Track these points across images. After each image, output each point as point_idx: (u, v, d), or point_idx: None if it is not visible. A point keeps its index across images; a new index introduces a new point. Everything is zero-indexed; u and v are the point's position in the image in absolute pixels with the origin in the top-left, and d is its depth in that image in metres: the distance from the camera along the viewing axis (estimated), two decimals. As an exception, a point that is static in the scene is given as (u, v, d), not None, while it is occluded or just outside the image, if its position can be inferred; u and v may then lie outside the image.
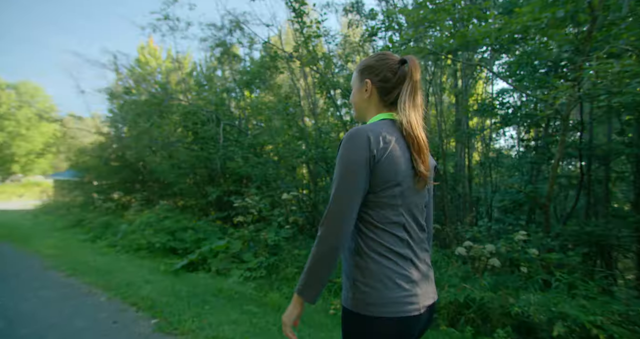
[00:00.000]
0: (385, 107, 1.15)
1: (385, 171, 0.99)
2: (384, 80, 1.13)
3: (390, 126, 1.07)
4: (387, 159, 0.99)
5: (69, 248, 7.00)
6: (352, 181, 0.98)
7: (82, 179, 14.99)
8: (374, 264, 0.99)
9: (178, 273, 4.97)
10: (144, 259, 6.09)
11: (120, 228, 8.54)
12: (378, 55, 1.17)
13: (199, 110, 7.62)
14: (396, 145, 1.02)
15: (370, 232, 1.02)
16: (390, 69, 1.13)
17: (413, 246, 1.05)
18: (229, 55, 9.80)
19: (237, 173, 7.93)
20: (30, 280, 4.54)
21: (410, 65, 1.09)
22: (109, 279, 4.52)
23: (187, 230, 6.62)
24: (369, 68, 1.16)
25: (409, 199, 1.04)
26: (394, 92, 1.13)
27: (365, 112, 1.19)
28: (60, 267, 5.23)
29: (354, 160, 0.98)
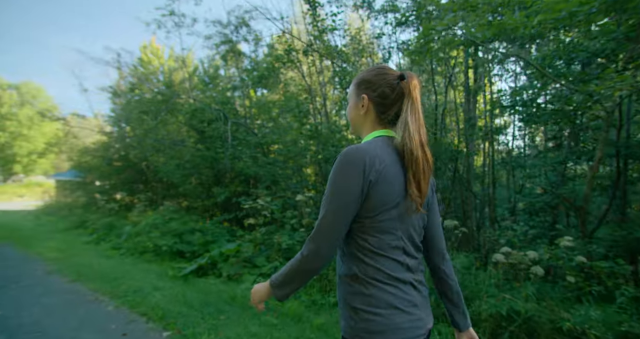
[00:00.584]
0: (382, 124, 1.10)
1: (382, 194, 0.95)
2: (381, 97, 1.08)
3: (386, 144, 1.02)
4: (383, 181, 0.95)
5: (72, 251, 6.78)
6: (343, 205, 0.94)
7: (84, 179, 14.81)
8: (376, 291, 0.96)
9: (187, 279, 4.74)
10: (150, 263, 5.86)
11: (124, 230, 8.33)
12: (376, 69, 1.12)
13: (207, 107, 7.38)
14: (392, 166, 0.98)
15: (370, 260, 0.97)
16: (389, 84, 1.07)
17: (412, 269, 1.02)
18: (234, 52, 9.58)
19: (245, 173, 7.70)
20: (32, 286, 4.32)
21: (410, 82, 1.04)
22: (115, 285, 4.29)
23: (194, 232, 6.39)
24: (366, 83, 1.11)
25: (407, 221, 1.01)
26: (392, 109, 1.08)
27: (360, 128, 1.15)
28: (64, 271, 5.01)
29: (347, 184, 0.94)
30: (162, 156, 11.07)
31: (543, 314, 2.37)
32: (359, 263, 0.98)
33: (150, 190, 12.18)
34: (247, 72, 9.45)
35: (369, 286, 0.96)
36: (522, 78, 6.57)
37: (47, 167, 39.55)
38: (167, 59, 22.50)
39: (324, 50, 4.01)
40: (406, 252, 1.01)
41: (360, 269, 0.97)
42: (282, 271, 1.03)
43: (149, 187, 12.78)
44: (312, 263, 0.97)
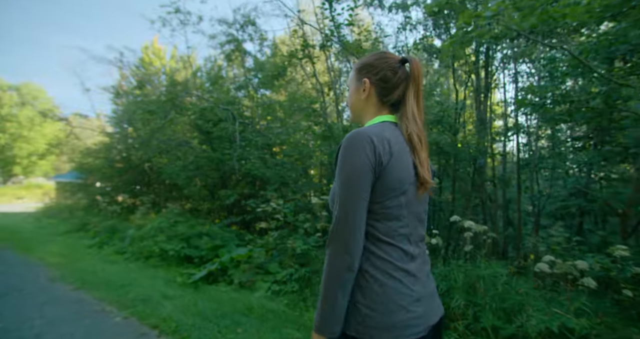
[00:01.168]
0: (385, 108, 1.07)
1: (392, 178, 0.92)
2: (383, 80, 1.05)
3: (393, 129, 1.00)
4: (393, 164, 0.92)
5: (75, 255, 6.54)
6: (358, 189, 0.89)
7: (85, 181, 14.57)
8: (376, 285, 0.92)
9: (197, 286, 4.50)
10: (156, 269, 5.62)
11: (127, 233, 8.08)
12: (378, 53, 1.09)
13: (216, 107, 7.15)
14: (401, 150, 0.95)
15: (375, 248, 0.93)
16: (391, 68, 1.04)
17: (417, 259, 0.99)
18: (240, 52, 9.38)
19: (252, 175, 7.48)
20: (34, 294, 4.08)
21: (413, 66, 1.02)
22: (122, 293, 4.05)
23: (201, 236, 6.15)
24: (367, 66, 1.08)
25: (414, 208, 0.98)
26: (394, 93, 1.05)
27: (362, 114, 1.11)
28: (67, 278, 4.77)
29: (358, 165, 0.89)
30: (166, 158, 10.86)
31: (604, 334, 2.14)
32: (364, 252, 0.93)
33: (152, 192, 11.95)
34: (254, 72, 9.25)
35: (370, 279, 0.91)
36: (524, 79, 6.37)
37: (47, 168, 39.32)
38: (168, 60, 22.37)
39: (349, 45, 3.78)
40: (411, 240, 0.97)
41: (365, 260, 0.92)
42: (318, 308, 0.93)
43: (151, 189, 12.55)
44: (344, 262, 0.88)
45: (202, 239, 6.01)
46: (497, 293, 2.57)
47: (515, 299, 2.62)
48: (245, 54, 9.59)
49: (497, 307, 2.55)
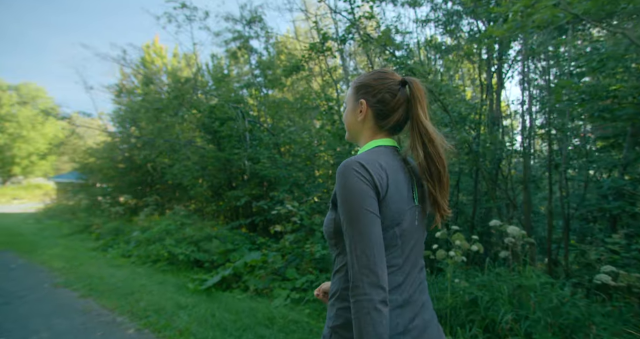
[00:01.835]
0: (381, 132, 1.01)
1: (389, 210, 0.86)
2: (381, 103, 0.99)
3: (389, 155, 0.94)
4: (389, 194, 0.86)
5: (79, 259, 6.30)
6: (367, 217, 0.81)
7: (87, 181, 14.34)
8: None
9: (210, 293, 4.26)
10: (165, 274, 5.39)
11: (132, 235, 7.86)
12: (377, 73, 1.03)
13: (226, 104, 6.91)
14: (397, 178, 0.89)
15: None
16: (390, 90, 0.99)
17: (408, 289, 0.91)
18: (247, 49, 9.14)
19: (262, 176, 7.24)
20: (39, 303, 3.84)
21: (415, 88, 0.97)
22: (132, 301, 3.81)
23: (211, 239, 5.91)
24: (365, 87, 1.02)
25: (410, 237, 0.92)
26: (392, 117, 0.99)
27: (358, 135, 1.06)
28: (73, 284, 4.53)
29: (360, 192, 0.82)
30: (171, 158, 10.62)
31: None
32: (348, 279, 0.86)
33: (154, 193, 11.70)
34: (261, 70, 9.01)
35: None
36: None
37: (46, 169, 39.09)
38: (170, 59, 22.15)
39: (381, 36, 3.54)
40: (404, 271, 0.91)
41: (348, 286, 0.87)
42: None
43: (153, 189, 12.31)
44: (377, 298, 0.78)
45: (212, 243, 5.77)
46: (550, 306, 2.33)
47: (574, 314, 2.38)
48: (251, 51, 9.36)
49: (552, 322, 2.32)
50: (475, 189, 5.19)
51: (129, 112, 12.04)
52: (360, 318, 0.78)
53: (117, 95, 19.67)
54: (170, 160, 10.80)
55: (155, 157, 10.67)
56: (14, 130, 36.08)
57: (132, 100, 11.22)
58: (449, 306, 2.72)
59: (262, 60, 9.25)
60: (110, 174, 12.36)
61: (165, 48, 21.50)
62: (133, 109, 10.45)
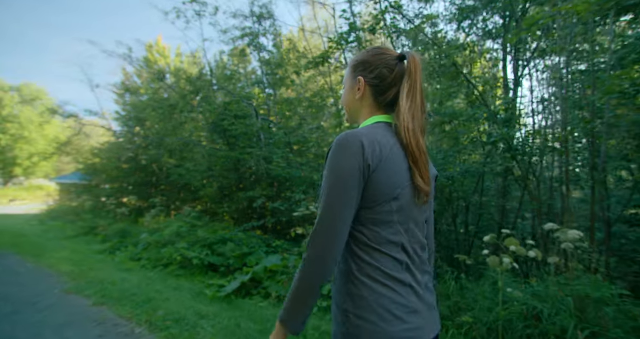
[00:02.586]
0: (380, 109, 1.01)
1: (382, 183, 0.87)
2: (379, 78, 0.98)
3: (387, 130, 0.94)
4: (383, 169, 0.87)
5: (87, 262, 6.07)
6: (344, 194, 0.85)
7: (90, 182, 14.12)
8: (368, 292, 0.86)
9: (231, 301, 4.03)
10: (178, 279, 5.16)
11: (140, 238, 7.64)
12: (374, 49, 1.02)
13: (241, 100, 6.68)
14: (393, 153, 0.90)
15: (365, 254, 0.88)
16: (387, 65, 0.98)
17: (413, 269, 0.92)
18: (256, 47, 8.92)
19: (276, 176, 7.02)
20: (51, 310, 3.61)
21: (411, 62, 0.95)
22: (149, 310, 3.58)
23: (226, 242, 5.68)
24: (362, 64, 1.01)
25: (408, 215, 0.92)
26: (391, 92, 0.98)
27: (357, 114, 1.05)
28: (84, 290, 4.30)
29: (346, 169, 0.85)
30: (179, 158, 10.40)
31: None
32: (352, 257, 0.89)
33: (159, 194, 11.47)
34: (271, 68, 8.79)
35: (360, 286, 0.87)
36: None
37: (48, 170, 38.93)
38: (173, 59, 21.95)
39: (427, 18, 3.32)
40: (405, 249, 0.91)
41: (353, 265, 0.89)
42: (288, 296, 0.89)
43: (158, 190, 12.08)
44: (319, 268, 0.84)
45: (227, 246, 5.54)
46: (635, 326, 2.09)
47: None
48: (261, 49, 9.14)
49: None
50: (504, 190, 4.96)
51: (134, 112, 11.83)
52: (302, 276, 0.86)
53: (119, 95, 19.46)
54: (177, 160, 10.59)
55: (162, 158, 10.46)
56: (16, 131, 35.95)
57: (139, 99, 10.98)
58: (501, 318, 2.49)
59: (272, 59, 9.04)
60: (114, 174, 12.15)
61: (168, 48, 21.34)
62: (139, 108, 10.21)
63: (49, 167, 38.81)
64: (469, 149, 5.75)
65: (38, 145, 36.92)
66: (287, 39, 10.68)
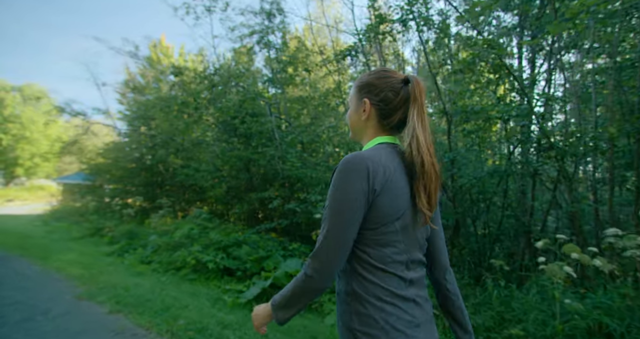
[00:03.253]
0: (385, 130, 1.03)
1: (386, 205, 0.89)
2: (384, 101, 1.00)
3: (390, 152, 0.96)
4: (387, 191, 0.89)
5: (96, 265, 5.87)
6: (348, 216, 0.87)
7: (94, 182, 13.94)
8: (374, 311, 0.89)
9: (252, 307, 3.83)
10: (193, 283, 4.96)
11: (149, 240, 7.44)
12: (379, 72, 1.04)
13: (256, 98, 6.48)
14: (397, 175, 0.92)
15: (369, 275, 0.91)
16: (393, 88, 1.00)
17: (415, 284, 0.95)
18: (265, 44, 8.72)
19: (286, 176, 6.83)
20: (64, 319, 3.41)
21: (415, 85, 0.97)
22: (168, 318, 3.38)
23: (240, 245, 5.48)
24: (368, 86, 1.03)
25: (411, 234, 0.94)
26: (396, 115, 1.00)
27: (361, 134, 1.08)
28: (97, 296, 4.10)
29: (351, 191, 0.87)
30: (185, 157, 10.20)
31: None
32: (357, 277, 0.92)
33: (164, 194, 11.26)
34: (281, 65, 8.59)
35: (367, 305, 0.89)
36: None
37: (49, 170, 38.79)
38: (177, 58, 21.80)
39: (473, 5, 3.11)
40: (408, 267, 0.94)
41: (358, 285, 0.91)
42: (284, 292, 0.96)
43: (163, 190, 11.88)
44: (317, 283, 0.89)
45: (242, 249, 5.34)
46: None
47: None
48: (270, 47, 8.95)
49: None
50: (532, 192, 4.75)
51: (140, 111, 11.62)
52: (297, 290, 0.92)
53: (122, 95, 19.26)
54: (183, 160, 10.38)
55: (168, 157, 10.27)
56: (18, 131, 35.80)
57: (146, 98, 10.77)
58: (560, 333, 2.28)
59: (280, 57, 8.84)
60: (118, 174, 11.96)
61: (171, 47, 21.17)
62: (147, 107, 10.01)
63: (50, 167, 38.67)
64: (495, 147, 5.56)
65: (40, 145, 36.78)
66: (295, 36, 10.51)
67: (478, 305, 2.99)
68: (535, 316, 2.50)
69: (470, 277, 3.55)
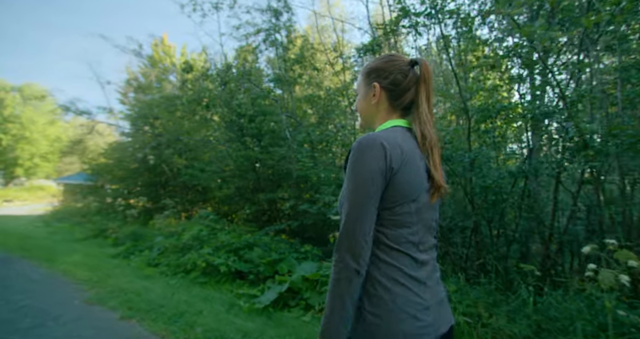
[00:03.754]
0: (396, 112, 1.04)
1: (404, 185, 0.89)
2: (394, 84, 1.02)
3: (404, 133, 0.97)
4: (405, 171, 0.89)
5: (103, 268, 5.71)
6: (367, 195, 0.86)
7: (96, 183, 13.78)
8: (384, 292, 0.88)
9: (270, 314, 3.68)
10: (204, 287, 4.80)
11: (155, 241, 7.29)
12: (386, 56, 1.06)
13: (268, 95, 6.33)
14: (414, 156, 0.93)
15: (384, 254, 0.90)
16: (401, 70, 1.01)
17: (428, 266, 0.96)
18: (272, 43, 8.57)
19: (297, 176, 6.68)
20: (75, 325, 3.26)
21: (423, 67, 0.99)
22: (185, 326, 3.23)
23: (252, 247, 5.33)
24: (376, 70, 1.04)
25: (424, 215, 0.95)
26: (405, 97, 1.02)
27: (373, 119, 1.08)
28: (107, 301, 3.95)
29: (369, 171, 0.86)
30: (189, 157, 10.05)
31: None
32: (371, 257, 0.89)
33: (168, 195, 11.10)
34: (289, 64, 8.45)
35: (377, 286, 0.88)
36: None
37: (49, 170, 38.63)
38: (178, 58, 21.67)
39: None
40: (420, 248, 0.95)
41: (372, 265, 0.89)
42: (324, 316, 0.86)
43: (166, 191, 11.72)
44: (352, 269, 0.84)
45: (254, 251, 5.19)
46: None
47: None
48: (277, 45, 8.80)
49: None
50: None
51: (143, 110, 11.46)
52: (335, 283, 0.84)
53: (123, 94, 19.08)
54: (187, 160, 10.23)
55: (173, 158, 10.12)
56: (17, 131, 35.63)
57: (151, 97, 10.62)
58: (612, 345, 2.14)
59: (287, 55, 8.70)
60: (121, 175, 11.80)
61: (173, 47, 21.04)
62: (152, 106, 9.85)
63: (50, 167, 38.50)
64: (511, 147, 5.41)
65: (40, 145, 36.61)
66: (301, 35, 10.37)
67: (512, 312, 2.85)
68: (583, 328, 2.35)
69: (498, 281, 3.41)
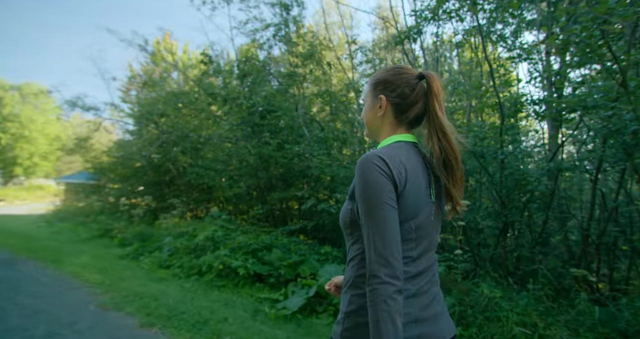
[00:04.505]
0: (401, 127, 1.02)
1: (406, 204, 0.87)
2: (400, 97, 0.99)
3: (408, 149, 0.95)
4: (408, 190, 0.87)
5: (114, 270, 5.48)
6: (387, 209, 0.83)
7: (98, 182, 13.52)
8: None
9: (298, 320, 3.45)
10: (221, 291, 4.57)
11: (164, 242, 7.05)
12: (394, 68, 1.03)
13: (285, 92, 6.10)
14: (417, 174, 0.91)
15: None
16: (409, 84, 0.98)
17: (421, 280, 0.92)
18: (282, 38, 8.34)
19: (310, 175, 6.46)
20: (92, 332, 3.02)
21: (431, 81, 0.96)
22: (211, 335, 3.00)
23: (270, 249, 5.10)
24: (384, 83, 1.02)
25: (425, 230, 0.93)
26: (412, 111, 0.99)
27: (378, 132, 1.06)
28: (124, 307, 3.71)
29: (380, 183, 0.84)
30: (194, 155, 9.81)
31: None
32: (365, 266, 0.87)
33: (173, 194, 10.85)
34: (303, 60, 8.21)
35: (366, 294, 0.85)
36: None
37: (48, 169, 38.32)
38: (180, 55, 21.41)
39: None
40: (419, 263, 0.92)
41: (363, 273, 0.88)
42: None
43: (171, 190, 11.48)
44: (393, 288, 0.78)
45: (273, 253, 4.96)
46: None
47: None
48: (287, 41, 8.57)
49: None
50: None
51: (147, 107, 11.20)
52: (377, 306, 0.78)
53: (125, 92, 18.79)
54: (192, 159, 9.99)
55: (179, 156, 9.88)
56: (16, 130, 35.30)
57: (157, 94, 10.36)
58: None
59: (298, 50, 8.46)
60: (125, 173, 11.55)
61: (175, 45, 20.79)
62: (159, 103, 9.59)
63: (49, 166, 38.18)
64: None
65: (39, 144, 36.30)
66: (310, 30, 10.13)
67: (570, 323, 2.63)
68: None
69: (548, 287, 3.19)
